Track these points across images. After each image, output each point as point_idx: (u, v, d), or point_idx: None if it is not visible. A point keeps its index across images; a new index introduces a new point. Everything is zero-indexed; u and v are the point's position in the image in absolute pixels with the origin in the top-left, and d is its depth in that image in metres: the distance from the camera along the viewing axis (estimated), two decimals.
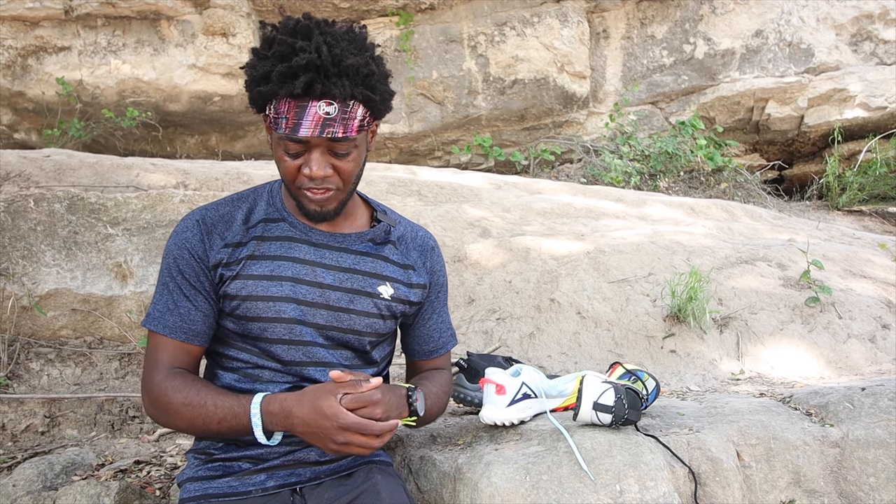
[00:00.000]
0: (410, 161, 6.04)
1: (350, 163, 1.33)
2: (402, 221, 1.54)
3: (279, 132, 1.28)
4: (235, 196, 1.44)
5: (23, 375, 2.28)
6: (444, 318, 1.59)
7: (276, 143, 1.33)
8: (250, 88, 1.31)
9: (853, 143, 6.13)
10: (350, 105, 1.28)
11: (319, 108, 1.25)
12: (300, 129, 1.25)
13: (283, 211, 1.42)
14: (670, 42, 6.11)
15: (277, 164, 1.35)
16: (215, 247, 1.35)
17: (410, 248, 1.52)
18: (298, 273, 1.37)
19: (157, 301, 1.36)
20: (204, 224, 1.37)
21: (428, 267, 1.53)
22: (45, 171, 3.29)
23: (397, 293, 1.45)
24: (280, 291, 1.35)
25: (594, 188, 4.62)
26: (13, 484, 1.67)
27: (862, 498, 1.61)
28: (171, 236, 1.38)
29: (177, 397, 1.28)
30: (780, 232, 3.79)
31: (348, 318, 1.40)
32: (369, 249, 1.45)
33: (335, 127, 1.27)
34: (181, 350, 1.34)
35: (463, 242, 3.06)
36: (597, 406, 1.54)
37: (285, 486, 1.37)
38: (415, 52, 5.78)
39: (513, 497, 1.41)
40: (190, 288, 1.34)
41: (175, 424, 1.31)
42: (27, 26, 5.38)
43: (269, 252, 1.37)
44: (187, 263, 1.34)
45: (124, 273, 2.48)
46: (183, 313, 1.34)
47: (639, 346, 2.53)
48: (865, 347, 2.53)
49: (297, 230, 1.40)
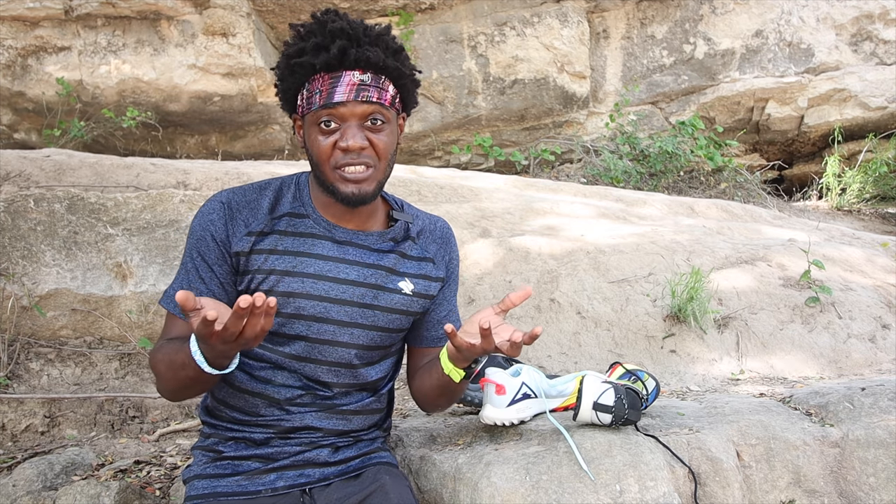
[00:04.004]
0: (410, 161, 6.04)
1: (385, 137, 1.34)
2: (418, 215, 1.53)
3: (314, 107, 1.30)
4: (262, 183, 1.44)
5: (23, 375, 2.28)
6: (455, 306, 1.58)
7: (311, 126, 1.34)
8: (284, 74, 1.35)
9: (853, 143, 6.13)
10: (382, 79, 1.33)
11: (353, 76, 1.30)
12: (335, 95, 1.29)
13: (308, 206, 1.41)
14: (670, 42, 6.11)
15: (311, 150, 1.35)
16: (238, 233, 1.35)
17: (429, 241, 1.51)
18: (321, 269, 1.37)
19: (176, 279, 1.37)
20: (229, 208, 1.36)
21: (446, 260, 1.53)
22: (45, 171, 3.29)
23: (417, 288, 1.45)
24: (301, 288, 1.35)
25: (594, 188, 4.62)
26: (13, 484, 1.67)
27: (862, 498, 1.61)
28: (196, 216, 1.38)
29: (157, 356, 1.29)
30: (780, 232, 3.79)
31: (372, 315, 1.40)
32: (391, 247, 1.45)
33: (370, 92, 1.31)
34: (187, 329, 1.32)
35: (463, 242, 3.06)
36: (597, 406, 1.54)
37: (295, 487, 1.37)
38: (415, 52, 5.78)
39: (513, 497, 1.41)
40: (207, 270, 1.34)
41: (164, 384, 1.30)
42: (27, 26, 5.38)
43: (291, 248, 1.36)
44: (208, 247, 1.34)
45: (124, 273, 2.48)
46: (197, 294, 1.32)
47: (639, 346, 2.53)
48: (865, 347, 2.53)
49: (321, 227, 1.40)
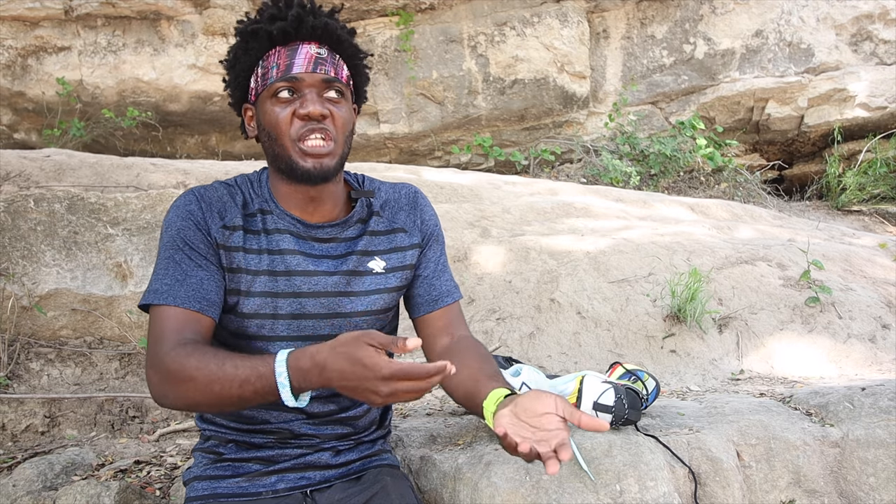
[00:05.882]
0: (410, 161, 6.04)
1: (343, 111, 1.31)
2: (381, 186, 1.46)
3: (270, 81, 1.28)
4: (225, 181, 1.39)
5: (23, 375, 2.28)
6: (444, 267, 1.51)
7: (265, 102, 1.30)
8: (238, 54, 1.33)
9: (853, 143, 6.12)
10: (336, 56, 1.32)
11: (311, 49, 1.29)
12: (293, 67, 1.27)
13: (271, 202, 1.36)
14: (670, 42, 6.11)
15: (268, 126, 1.30)
16: (215, 225, 1.30)
17: (396, 210, 1.45)
18: (290, 265, 1.32)
19: (163, 275, 1.25)
20: (203, 201, 1.31)
21: (419, 224, 1.46)
22: (45, 171, 3.29)
23: (390, 263, 1.41)
24: (275, 287, 1.31)
25: (594, 188, 4.62)
26: (13, 484, 1.67)
27: (862, 498, 1.61)
28: (169, 211, 1.30)
29: (190, 362, 1.14)
30: (780, 232, 3.79)
31: (349, 302, 1.36)
32: (360, 230, 1.40)
33: (327, 66, 1.30)
34: (193, 321, 1.23)
35: (463, 242, 3.06)
36: (597, 406, 1.54)
37: (296, 489, 1.35)
38: (415, 52, 5.78)
39: (513, 497, 1.41)
40: (200, 257, 1.27)
41: (190, 395, 1.15)
42: (27, 26, 5.38)
43: (260, 246, 1.32)
44: (195, 234, 1.27)
45: (124, 273, 2.48)
46: (195, 283, 1.25)
47: (639, 346, 2.53)
48: (865, 347, 2.53)
49: (285, 221, 1.35)
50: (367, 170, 4.17)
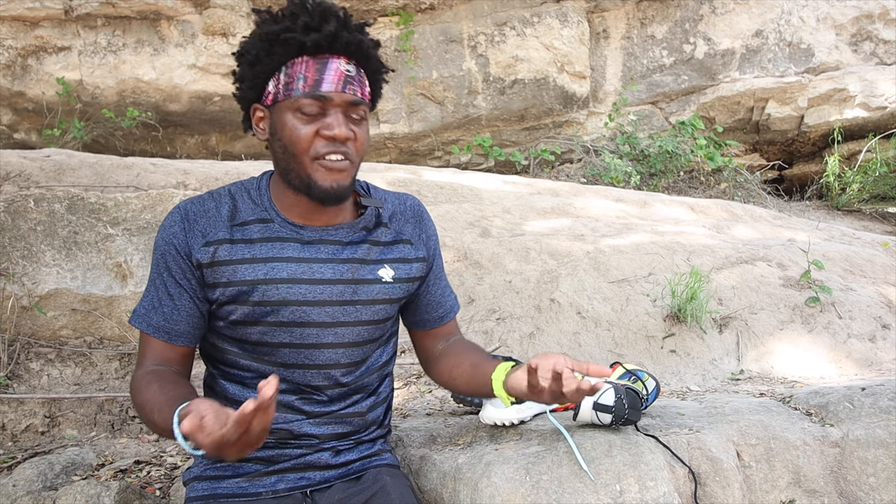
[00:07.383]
0: (410, 161, 6.04)
1: (364, 132, 1.29)
2: (387, 197, 1.46)
3: (296, 94, 1.22)
4: (215, 192, 1.37)
5: (23, 375, 2.28)
6: (445, 281, 1.54)
7: (285, 113, 1.25)
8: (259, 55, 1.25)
9: (853, 143, 6.13)
10: (362, 72, 1.29)
11: (341, 65, 1.24)
12: (323, 84, 1.22)
13: (271, 210, 1.34)
14: (670, 42, 6.11)
15: (286, 140, 1.26)
16: (196, 244, 1.29)
17: (402, 222, 1.45)
18: (294, 273, 1.31)
19: (145, 297, 1.32)
20: (187, 219, 1.30)
21: (424, 238, 1.47)
22: (45, 171, 3.29)
23: (398, 273, 1.40)
24: (277, 295, 1.30)
25: (594, 188, 4.62)
26: (13, 484, 1.67)
27: (862, 498, 1.61)
28: (159, 229, 1.33)
29: (139, 397, 1.24)
30: (781, 232, 3.79)
31: (354, 310, 1.35)
32: (363, 237, 1.39)
33: (355, 86, 1.26)
34: (166, 349, 1.31)
35: (463, 242, 3.06)
36: (597, 406, 1.54)
37: (296, 489, 1.36)
38: (415, 52, 5.78)
39: (513, 497, 1.41)
40: (175, 286, 1.30)
41: (141, 418, 1.26)
42: (27, 26, 5.38)
43: (259, 255, 1.31)
44: (174, 259, 1.29)
45: (124, 273, 2.48)
46: (166, 312, 1.30)
47: (639, 346, 2.53)
48: (865, 347, 2.53)
49: (287, 230, 1.33)
50: (366, 170, 4.17)
